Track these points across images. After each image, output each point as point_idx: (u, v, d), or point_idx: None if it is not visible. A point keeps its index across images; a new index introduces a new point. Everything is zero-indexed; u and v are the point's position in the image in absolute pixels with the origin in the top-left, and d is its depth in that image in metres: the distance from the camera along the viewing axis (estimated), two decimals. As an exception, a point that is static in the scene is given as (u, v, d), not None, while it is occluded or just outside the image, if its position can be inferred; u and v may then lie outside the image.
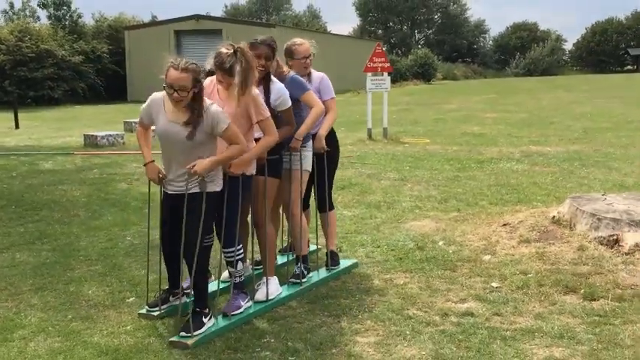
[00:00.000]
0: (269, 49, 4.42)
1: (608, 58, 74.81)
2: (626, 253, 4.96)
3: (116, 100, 31.29)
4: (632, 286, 4.53)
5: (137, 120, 4.26)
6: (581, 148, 11.79)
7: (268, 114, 4.19)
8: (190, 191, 3.94)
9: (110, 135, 13.73)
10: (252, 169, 4.28)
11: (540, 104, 23.38)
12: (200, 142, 3.91)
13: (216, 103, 4.01)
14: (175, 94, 3.81)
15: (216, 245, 4.51)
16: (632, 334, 3.85)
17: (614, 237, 5.12)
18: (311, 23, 68.00)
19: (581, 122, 16.48)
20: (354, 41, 47.88)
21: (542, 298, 4.44)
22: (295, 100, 4.62)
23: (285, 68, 4.79)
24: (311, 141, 4.84)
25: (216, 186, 4.02)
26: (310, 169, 4.88)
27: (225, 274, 4.72)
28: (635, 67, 72.19)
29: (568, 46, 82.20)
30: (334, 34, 45.00)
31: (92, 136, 13.68)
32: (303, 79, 4.84)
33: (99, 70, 32.29)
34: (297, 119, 4.64)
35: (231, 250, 4.23)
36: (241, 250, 4.32)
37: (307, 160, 4.81)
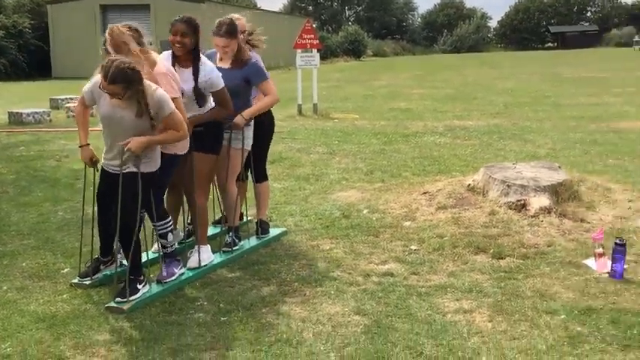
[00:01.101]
0: (186, 26, 4.45)
1: (531, 35, 77.36)
2: (532, 216, 5.42)
3: (40, 77, 30.32)
4: (535, 245, 4.98)
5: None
6: (500, 122, 12.39)
7: (178, 94, 4.30)
8: (127, 170, 4.04)
9: (36, 112, 13.45)
10: (181, 150, 4.41)
11: (466, 80, 24.15)
12: (143, 128, 3.98)
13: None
14: (110, 96, 3.89)
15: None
16: (532, 287, 4.28)
17: (522, 202, 5.57)
18: (241, -1, 67.14)
19: (503, 97, 17.20)
20: (285, 17, 47.76)
21: (456, 258, 4.84)
22: (247, 85, 4.87)
23: (248, 53, 4.96)
24: (253, 121, 5.03)
25: (152, 167, 4.15)
26: (250, 149, 5.08)
27: (155, 247, 4.88)
28: (556, 44, 74.92)
29: (493, 23, 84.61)
30: (264, 10, 44.73)
31: (17, 113, 13.37)
32: (264, 67, 5.04)
33: (21, 46, 31.14)
34: (246, 103, 4.89)
35: (160, 223, 4.41)
36: (170, 223, 4.50)
37: (248, 140, 5.01)
